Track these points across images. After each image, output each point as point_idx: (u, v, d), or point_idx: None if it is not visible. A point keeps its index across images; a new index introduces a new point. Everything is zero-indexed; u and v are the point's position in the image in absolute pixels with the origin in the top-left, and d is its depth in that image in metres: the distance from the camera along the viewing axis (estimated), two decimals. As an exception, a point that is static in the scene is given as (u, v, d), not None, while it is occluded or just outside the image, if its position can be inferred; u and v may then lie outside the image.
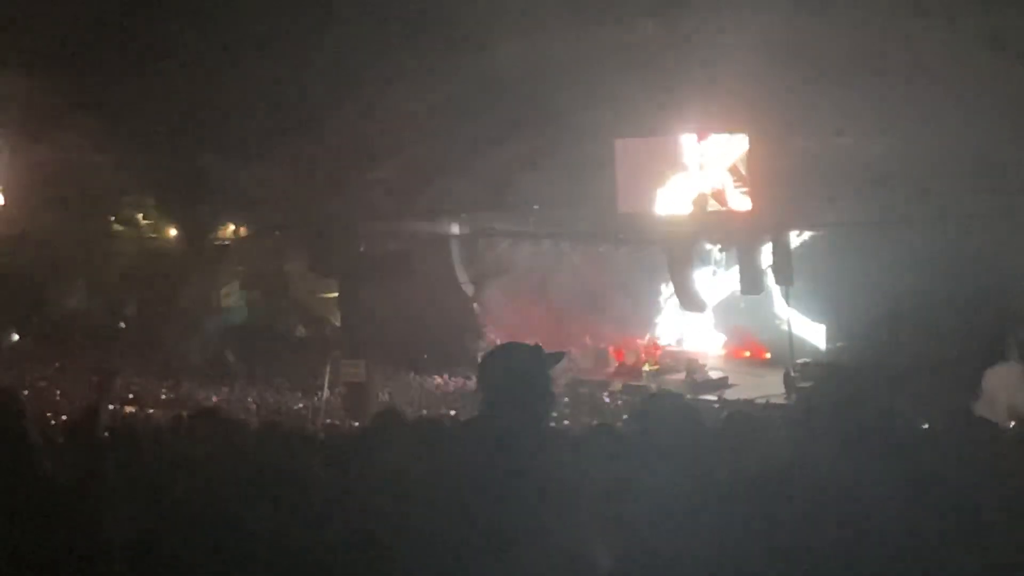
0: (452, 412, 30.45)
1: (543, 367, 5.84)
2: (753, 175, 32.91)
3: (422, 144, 37.50)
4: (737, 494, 5.60)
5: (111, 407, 31.71)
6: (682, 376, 36.65)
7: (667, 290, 37.91)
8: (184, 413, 15.08)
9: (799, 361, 33.86)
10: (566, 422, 26.95)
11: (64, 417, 25.98)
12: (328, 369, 35.60)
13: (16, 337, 42.42)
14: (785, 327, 35.60)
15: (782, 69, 29.38)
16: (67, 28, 34.13)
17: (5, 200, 40.57)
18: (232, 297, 45.38)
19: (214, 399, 35.55)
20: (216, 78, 33.76)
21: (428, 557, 5.11)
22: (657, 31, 30.71)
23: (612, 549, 5.58)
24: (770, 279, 33.98)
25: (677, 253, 35.90)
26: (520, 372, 5.75)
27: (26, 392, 33.11)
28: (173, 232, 43.23)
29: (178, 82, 34.26)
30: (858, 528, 5.18)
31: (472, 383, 34.28)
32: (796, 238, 34.86)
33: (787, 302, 35.25)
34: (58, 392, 34.78)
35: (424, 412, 29.77)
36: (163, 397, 35.25)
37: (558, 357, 6.12)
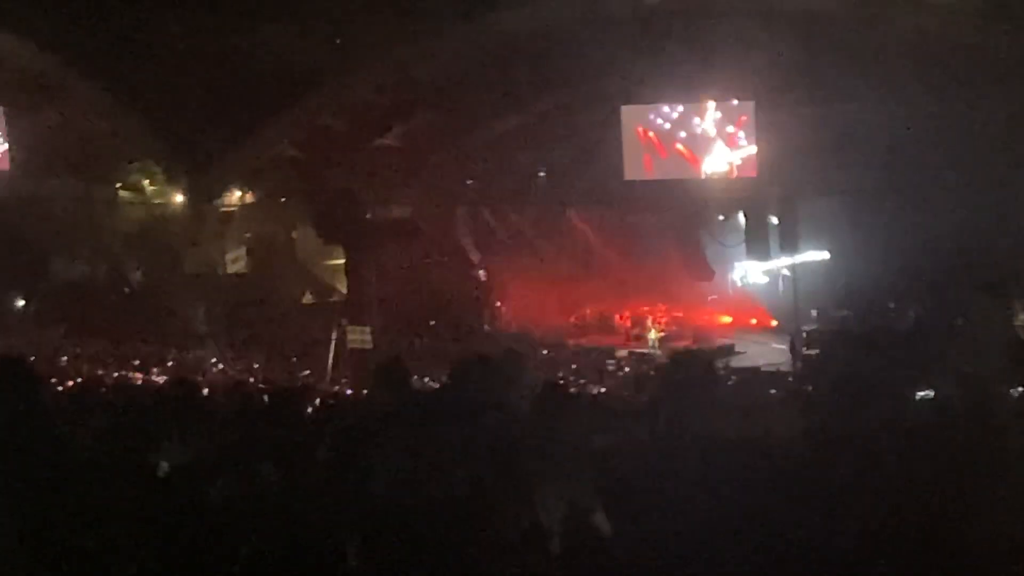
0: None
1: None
2: (760, 142, 32.85)
3: (428, 111, 37.49)
4: (745, 457, 5.64)
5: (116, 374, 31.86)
6: (689, 343, 36.70)
7: (674, 257, 37.86)
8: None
9: (805, 328, 33.89)
10: (572, 389, 26.96)
11: (71, 383, 26.04)
12: (335, 336, 35.61)
13: (22, 302, 42.45)
14: (791, 294, 35.61)
15: (790, 37, 29.32)
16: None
17: (11, 166, 40.53)
18: (238, 263, 45.37)
19: (220, 366, 35.59)
20: (222, 45, 33.71)
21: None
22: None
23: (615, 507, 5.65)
24: (777, 246, 33.98)
25: (684, 221, 35.90)
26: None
27: (32, 357, 33.18)
28: (179, 198, 43.17)
29: (184, 49, 34.21)
30: (860, 490, 5.22)
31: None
32: (803, 205, 34.79)
33: (793, 270, 35.22)
34: (64, 357, 34.82)
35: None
36: (169, 364, 35.26)
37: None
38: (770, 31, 29.20)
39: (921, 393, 8.32)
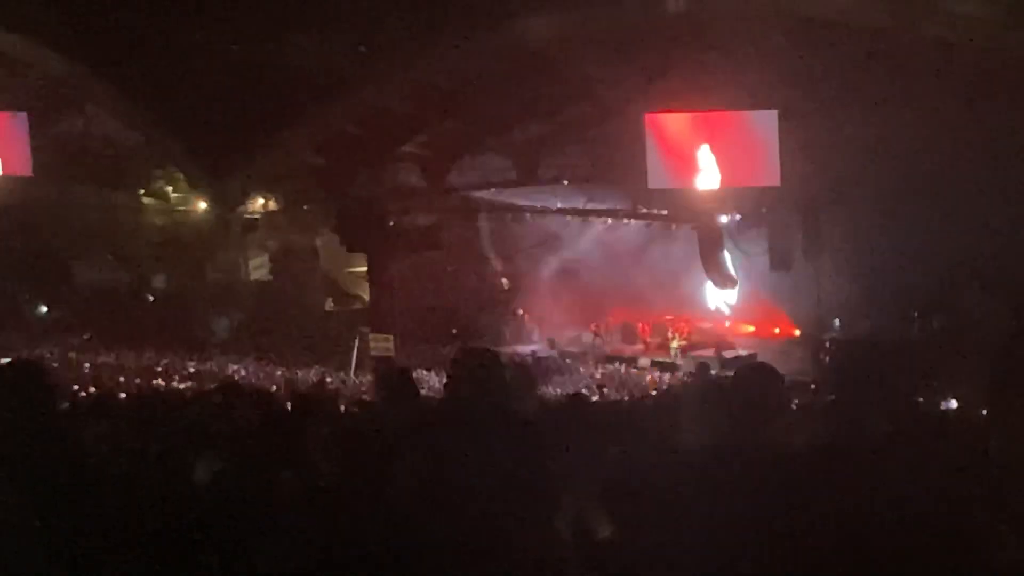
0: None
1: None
2: (784, 151, 32.76)
3: (451, 119, 37.53)
4: (763, 467, 5.62)
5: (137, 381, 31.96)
6: (711, 352, 36.65)
7: (697, 266, 37.78)
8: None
9: (827, 338, 33.80)
10: (595, 398, 26.97)
11: (92, 389, 26.13)
12: (356, 344, 35.67)
13: (45, 309, 42.64)
14: (815, 304, 35.52)
15: (814, 44, 29.28)
16: (100, 4, 34.28)
17: (35, 173, 40.72)
18: (261, 271, 45.47)
19: (242, 372, 35.68)
20: (247, 52, 33.79)
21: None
22: (688, 6, 30.58)
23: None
24: (800, 255, 33.87)
25: (707, 230, 35.84)
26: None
27: (56, 364, 33.32)
28: (203, 205, 43.28)
29: (209, 55, 34.30)
30: (884, 500, 5.20)
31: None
32: (826, 215, 34.67)
33: (815, 278, 35.12)
34: (87, 364, 34.95)
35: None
36: (191, 370, 35.37)
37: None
38: (794, 39, 29.15)
39: (945, 403, 8.31)
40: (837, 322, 36.12)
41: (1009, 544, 4.79)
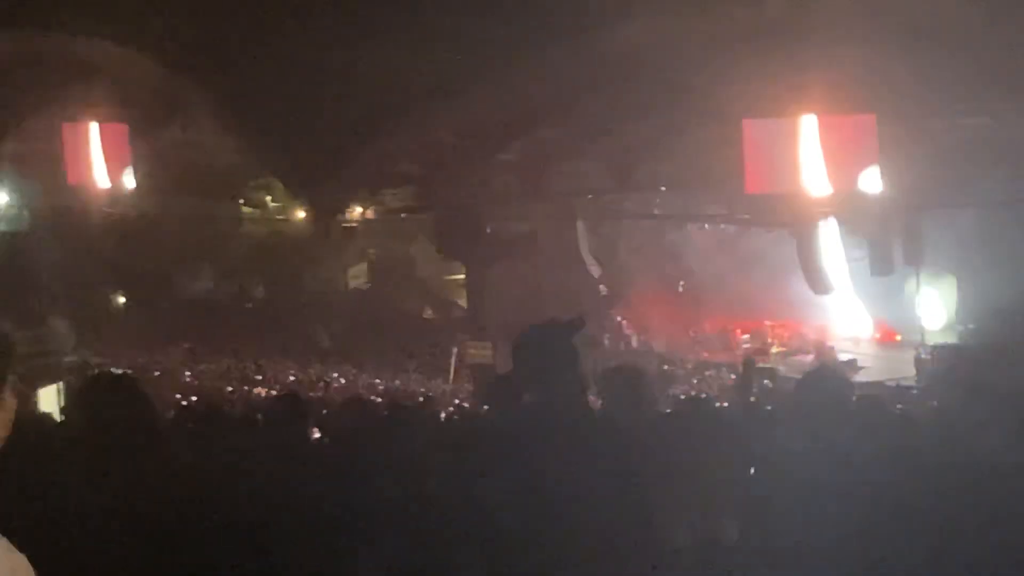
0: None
1: (561, 341, 5.83)
2: (883, 156, 32.45)
3: (548, 126, 37.53)
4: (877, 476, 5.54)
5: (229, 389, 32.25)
6: (810, 357, 36.37)
7: (795, 271, 37.51)
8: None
9: (930, 343, 33.45)
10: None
11: (194, 398, 26.37)
12: (455, 352, 35.77)
13: (148, 318, 43.13)
14: (916, 309, 35.15)
15: (912, 48, 28.96)
16: (196, 15, 34.64)
17: (136, 184, 41.26)
18: (359, 279, 45.77)
19: (340, 380, 35.85)
20: (344, 60, 33.98)
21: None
22: (785, 11, 30.40)
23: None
24: (901, 260, 33.52)
25: (806, 234, 35.59)
26: (544, 352, 5.75)
27: (157, 373, 33.72)
28: (301, 214, 43.63)
29: (307, 64, 34.55)
30: (994, 508, 5.12)
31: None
32: (927, 219, 34.29)
33: (918, 283, 34.73)
34: (188, 373, 35.31)
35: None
36: (291, 378, 35.59)
37: (577, 325, 6.05)
38: (892, 41, 28.85)
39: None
40: (940, 327, 35.76)
41: None
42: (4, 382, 3.30)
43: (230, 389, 32.41)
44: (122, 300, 43.88)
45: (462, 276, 42.49)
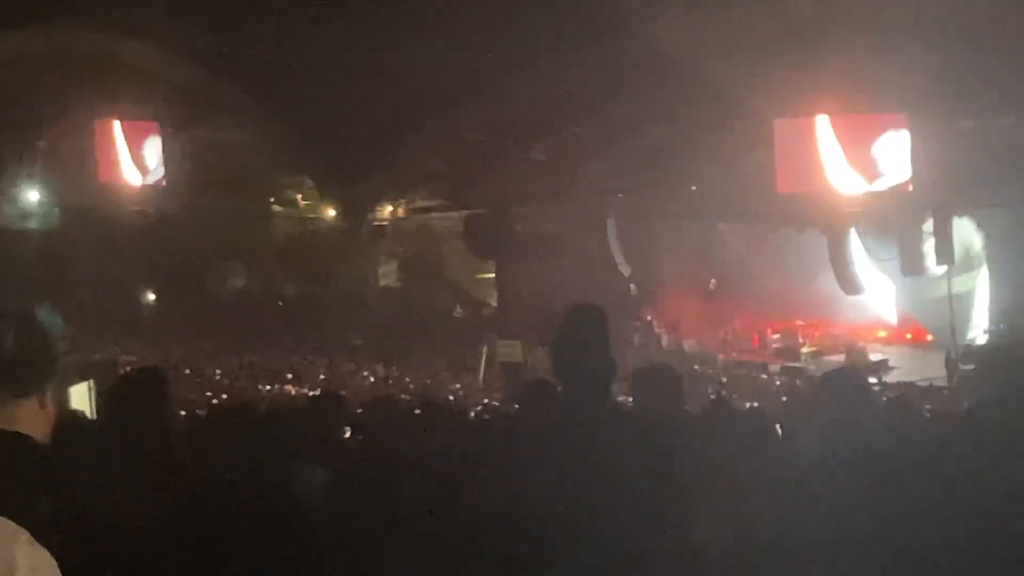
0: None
1: (595, 331, 5.83)
2: (914, 155, 32.33)
3: (578, 124, 37.51)
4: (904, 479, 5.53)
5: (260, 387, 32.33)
6: (842, 358, 36.26)
7: (826, 271, 37.38)
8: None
9: (962, 344, 33.30)
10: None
11: (224, 396, 26.45)
12: (485, 350, 35.76)
13: (179, 315, 43.24)
14: (947, 309, 34.98)
15: (944, 47, 28.85)
16: (228, 14, 34.73)
17: (167, 182, 41.41)
18: (389, 277, 45.83)
19: (370, 379, 35.89)
20: (374, 59, 34.04)
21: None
22: (817, 10, 30.34)
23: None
24: (931, 260, 33.37)
25: (837, 234, 35.46)
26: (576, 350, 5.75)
27: (188, 371, 33.80)
28: (331, 213, 43.71)
29: (336, 63, 34.62)
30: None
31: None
32: (957, 218, 34.13)
33: (949, 283, 34.56)
34: (218, 371, 35.39)
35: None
36: (321, 376, 35.63)
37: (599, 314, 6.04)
38: (924, 41, 28.75)
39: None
40: (972, 328, 35.61)
41: None
42: (45, 385, 3.34)
43: (267, 387, 32.54)
44: (153, 298, 43.98)
45: (492, 275, 42.46)
